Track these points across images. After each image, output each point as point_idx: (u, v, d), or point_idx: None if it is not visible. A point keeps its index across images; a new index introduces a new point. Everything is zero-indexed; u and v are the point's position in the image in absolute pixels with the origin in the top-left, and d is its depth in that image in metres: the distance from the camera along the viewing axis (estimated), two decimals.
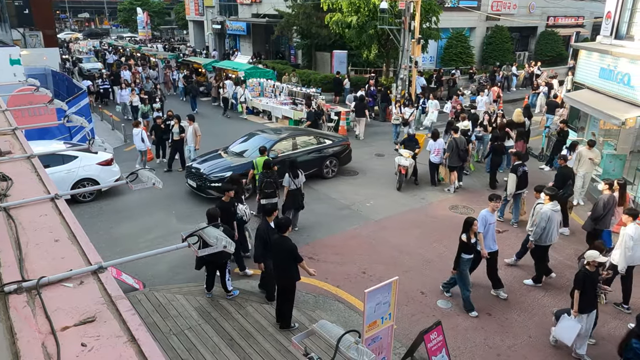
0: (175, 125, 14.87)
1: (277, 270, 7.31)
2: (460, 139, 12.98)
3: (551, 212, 8.36)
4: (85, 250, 2.48)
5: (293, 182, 10.26)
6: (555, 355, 7.06)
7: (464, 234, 7.71)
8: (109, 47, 48.42)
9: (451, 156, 12.86)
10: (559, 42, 34.06)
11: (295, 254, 7.12)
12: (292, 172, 10.29)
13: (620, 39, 13.19)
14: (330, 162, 14.09)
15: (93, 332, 1.86)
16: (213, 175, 12.23)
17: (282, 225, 7.23)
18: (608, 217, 9.18)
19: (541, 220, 8.35)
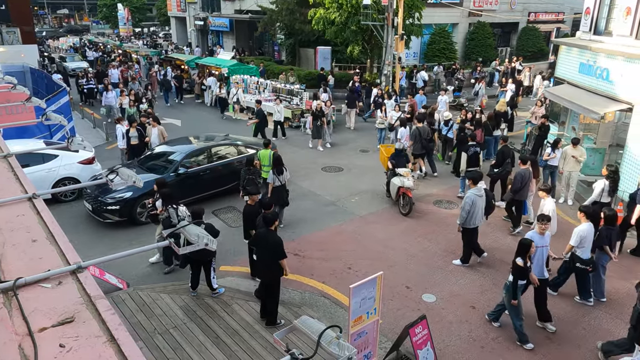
0: (131, 129, 13.63)
1: (261, 265, 7.27)
2: (423, 128, 13.43)
3: (475, 197, 8.80)
4: (64, 250, 2.44)
5: (277, 178, 10.33)
6: (539, 346, 7.17)
7: (519, 257, 6.88)
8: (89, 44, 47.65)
9: (415, 144, 13.42)
10: (539, 38, 34.49)
11: (280, 249, 7.09)
12: (276, 168, 10.35)
13: (599, 34, 13.42)
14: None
15: (72, 333, 1.83)
16: (109, 197, 10.58)
17: (269, 220, 7.20)
18: (525, 189, 10.31)
19: (465, 204, 8.81)
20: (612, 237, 8.05)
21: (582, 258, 7.79)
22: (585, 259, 7.80)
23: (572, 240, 7.76)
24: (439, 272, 9.12)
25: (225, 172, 12.15)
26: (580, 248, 7.75)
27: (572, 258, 7.90)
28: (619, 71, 11.81)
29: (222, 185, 12.07)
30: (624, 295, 8.41)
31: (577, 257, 7.82)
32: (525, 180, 10.19)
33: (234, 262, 9.46)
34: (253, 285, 8.68)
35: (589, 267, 7.85)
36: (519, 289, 7.04)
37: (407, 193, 11.19)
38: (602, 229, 8.06)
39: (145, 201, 9.25)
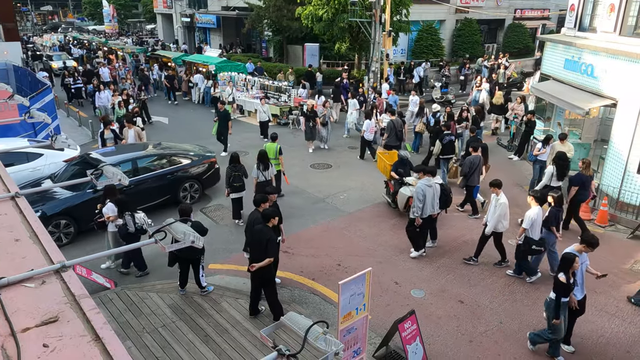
0: (106, 131, 13.01)
1: (255, 259, 7.16)
2: (397, 120, 14.13)
3: (425, 187, 9.07)
4: (48, 249, 2.41)
5: (262, 174, 10.46)
6: (526, 340, 7.25)
7: (562, 273, 6.42)
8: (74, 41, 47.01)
9: (389, 136, 13.93)
10: (525, 35, 34.80)
11: (270, 246, 6.98)
12: (262, 163, 10.46)
13: (583, 30, 13.57)
14: (190, 185, 11.74)
15: (55, 333, 1.81)
16: None
17: (267, 216, 7.14)
18: (476, 175, 11.02)
19: (418, 195, 9.06)
20: (559, 217, 8.59)
21: (536, 239, 8.20)
22: (538, 240, 8.23)
23: (524, 224, 8.15)
24: (427, 268, 9.18)
25: (154, 186, 11.04)
26: (532, 231, 8.15)
27: (527, 241, 8.25)
28: (603, 67, 11.96)
29: (151, 200, 10.92)
30: None
31: (531, 239, 8.20)
32: (475, 166, 10.91)
33: (223, 260, 9.43)
34: (242, 283, 8.66)
35: (543, 247, 8.27)
36: (564, 307, 6.59)
37: None
38: (552, 209, 8.50)
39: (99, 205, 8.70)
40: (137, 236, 8.26)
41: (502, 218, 8.75)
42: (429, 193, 9.07)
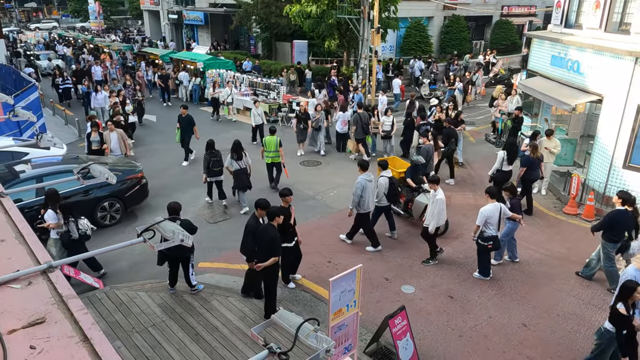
0: (93, 133, 12.58)
1: (259, 260, 7.12)
2: (363, 113, 14.61)
3: (365, 182, 9.28)
4: (34, 249, 2.38)
5: (236, 163, 10.85)
6: (515, 334, 7.33)
7: (621, 303, 5.72)
8: (59, 38, 46.33)
9: (357, 129, 14.43)
10: (513, 31, 35.03)
11: (275, 244, 6.95)
12: (235, 153, 10.86)
13: (569, 27, 13.69)
14: (110, 204, 10.59)
15: (43, 334, 1.79)
16: None
17: (272, 214, 7.11)
18: (431, 163, 12.06)
19: (356, 189, 9.23)
20: (520, 206, 8.99)
21: (484, 235, 8.29)
22: (486, 236, 8.29)
23: (478, 221, 8.25)
24: (417, 264, 9.23)
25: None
26: (487, 227, 8.22)
27: (482, 237, 8.36)
28: (589, 63, 12.08)
29: None
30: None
31: (480, 234, 8.33)
32: (430, 154, 11.89)
33: (214, 258, 9.39)
34: (233, 281, 8.64)
35: (489, 243, 8.33)
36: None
37: None
38: (512, 201, 8.77)
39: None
40: (81, 243, 8.15)
41: (440, 214, 8.81)
42: (369, 187, 9.32)
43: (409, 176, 10.54)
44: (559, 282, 8.65)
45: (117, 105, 15.89)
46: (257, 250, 7.22)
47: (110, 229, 10.53)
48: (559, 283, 8.60)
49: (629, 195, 8.19)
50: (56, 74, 22.91)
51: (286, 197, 8.06)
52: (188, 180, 13.24)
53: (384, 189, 9.52)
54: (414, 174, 10.55)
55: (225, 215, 11.21)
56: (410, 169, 10.70)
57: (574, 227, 10.59)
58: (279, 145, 11.98)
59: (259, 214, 7.45)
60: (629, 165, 10.82)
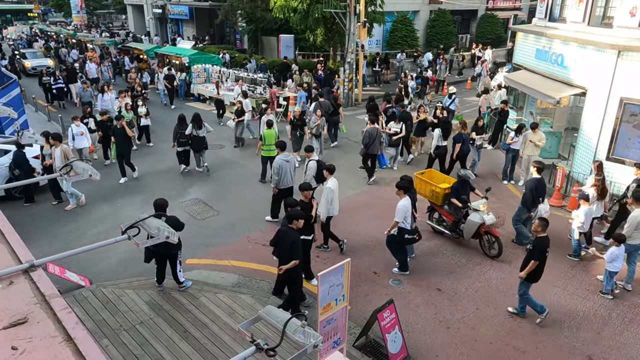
0: (46, 145, 11.27)
1: (281, 261, 7.05)
2: (324, 102, 15.04)
3: (282, 162, 9.88)
4: (15, 248, 2.33)
5: (197, 132, 12.82)
6: (502, 325, 7.42)
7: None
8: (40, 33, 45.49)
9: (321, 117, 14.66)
10: (498, 25, 35.27)
11: (295, 247, 6.83)
12: (195, 124, 12.78)
13: (554, 21, 13.81)
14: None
15: (25, 334, 1.75)
16: None
17: (290, 217, 7.03)
18: (374, 145, 12.39)
19: (274, 169, 9.94)
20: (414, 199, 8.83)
21: (408, 229, 8.35)
22: (411, 230, 8.38)
23: (398, 217, 8.25)
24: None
25: None
26: (405, 221, 8.30)
27: (400, 232, 8.35)
28: (573, 57, 12.21)
29: None
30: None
31: (405, 230, 8.34)
32: (373, 137, 12.32)
33: (202, 254, 9.34)
34: (221, 277, 8.60)
35: (416, 235, 8.47)
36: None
37: (493, 232, 9.12)
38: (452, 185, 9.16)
39: None
40: None
41: (330, 202, 8.89)
42: (285, 167, 9.90)
43: (455, 194, 9.38)
44: (544, 273, 8.74)
45: (129, 105, 14.85)
46: (279, 253, 7.14)
47: (93, 225, 10.42)
48: (545, 275, 8.69)
49: (543, 164, 9.58)
50: (43, 72, 21.57)
51: (305, 192, 8.10)
52: (175, 177, 13.14)
53: (313, 172, 9.91)
54: (461, 192, 9.41)
55: (214, 211, 11.14)
56: (457, 186, 9.45)
57: (558, 218, 10.72)
58: (277, 138, 12.14)
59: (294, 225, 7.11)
60: (612, 157, 10.98)
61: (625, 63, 10.40)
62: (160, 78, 21.05)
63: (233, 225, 10.41)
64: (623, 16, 10.75)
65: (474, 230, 9.16)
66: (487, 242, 9.29)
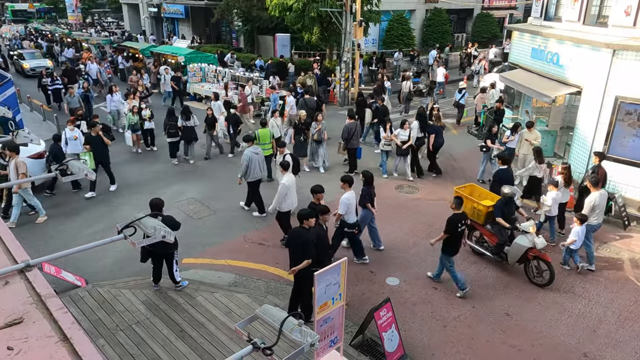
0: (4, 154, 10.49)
1: (293, 263, 6.98)
2: (309, 99, 15.49)
3: (251, 154, 10.19)
4: (11, 248, 2.32)
5: (185, 123, 13.54)
6: (498, 323, 7.45)
7: None
8: (35, 32, 45.25)
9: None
10: (494, 24, 35.34)
11: (307, 248, 6.74)
12: (184, 115, 13.59)
13: (549, 20, 13.86)
14: None
15: (21, 334, 1.75)
16: None
17: (301, 217, 6.96)
18: (354, 139, 12.88)
19: (243, 161, 10.24)
20: (372, 195, 9.13)
21: (349, 222, 8.56)
22: (351, 223, 8.58)
23: (340, 209, 8.44)
24: (402, 256, 9.29)
25: None
26: (348, 214, 8.50)
27: (341, 224, 8.61)
28: (568, 56, 12.25)
29: None
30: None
31: (345, 223, 8.58)
32: (352, 132, 12.77)
33: (198, 254, 9.32)
34: (217, 276, 8.60)
35: (355, 229, 8.63)
36: None
37: (544, 257, 8.27)
38: (364, 189, 9.05)
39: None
40: None
41: (283, 197, 9.03)
42: (255, 159, 10.26)
43: (500, 214, 8.53)
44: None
45: (135, 108, 14.55)
46: (291, 254, 7.07)
47: (89, 225, 10.39)
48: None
49: (507, 157, 10.08)
50: (42, 73, 20.87)
51: (317, 194, 8.11)
52: (172, 177, 13.11)
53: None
54: (506, 211, 8.62)
55: (210, 210, 11.13)
56: (501, 205, 8.62)
57: None
58: (272, 137, 12.28)
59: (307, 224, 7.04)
60: (607, 156, 11.02)
61: (620, 62, 10.45)
62: (167, 79, 20.50)
63: (229, 225, 10.40)
64: (618, 15, 10.80)
65: (521, 255, 8.35)
66: (535, 268, 8.37)
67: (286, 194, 9.07)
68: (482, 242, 9.22)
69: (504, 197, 8.61)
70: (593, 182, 8.74)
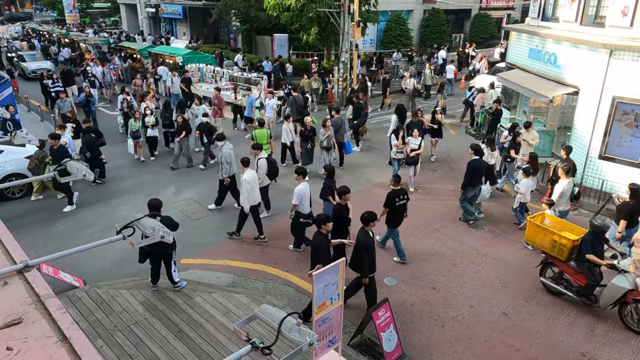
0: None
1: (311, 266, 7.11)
2: (297, 97, 15.86)
3: (230, 151, 10.46)
4: (10, 249, 2.32)
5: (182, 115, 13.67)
6: (496, 323, 7.46)
7: None
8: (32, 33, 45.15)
9: (292, 111, 15.26)
10: (491, 25, 35.41)
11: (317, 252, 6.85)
12: (180, 109, 13.91)
13: (546, 20, 13.88)
14: None
15: (20, 335, 1.75)
16: None
17: (319, 221, 7.06)
18: (340, 133, 13.38)
19: (224, 158, 10.37)
20: (333, 188, 9.25)
21: (303, 213, 8.83)
22: (305, 214, 8.85)
23: (294, 200, 8.74)
24: None
25: None
26: (302, 205, 8.77)
27: (297, 215, 8.88)
28: (565, 56, 12.28)
29: None
30: None
31: (300, 213, 8.84)
32: (338, 126, 13.37)
33: (196, 254, 9.32)
34: (216, 277, 8.60)
35: (310, 220, 8.80)
36: None
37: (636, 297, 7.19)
38: (325, 182, 9.38)
39: None
40: None
41: (248, 193, 9.19)
42: (232, 154, 10.48)
43: (590, 249, 7.49)
44: (538, 271, 8.81)
45: (138, 114, 14.14)
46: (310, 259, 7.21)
47: (88, 225, 10.37)
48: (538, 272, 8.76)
49: (480, 147, 10.46)
50: (43, 75, 20.69)
51: (345, 195, 8.07)
52: (170, 178, 13.10)
53: (264, 170, 10.05)
54: (597, 246, 7.58)
55: (208, 211, 11.12)
56: (591, 239, 7.58)
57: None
58: (269, 138, 12.28)
59: (369, 228, 7.15)
60: (604, 156, 11.07)
61: (617, 62, 10.48)
62: (175, 82, 19.77)
63: (228, 225, 10.39)
64: (615, 16, 10.83)
65: (618, 297, 7.31)
66: (635, 312, 7.22)
67: (248, 189, 9.18)
68: (560, 281, 8.07)
69: (594, 230, 7.55)
70: (565, 170, 9.43)
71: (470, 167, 10.23)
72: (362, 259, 7.01)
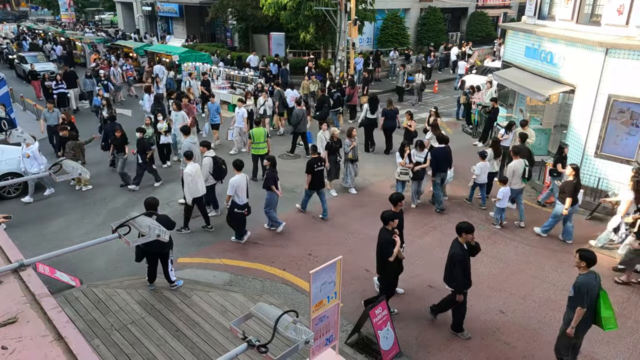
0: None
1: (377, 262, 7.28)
2: (282, 91, 16.49)
3: (190, 144, 10.65)
4: (4, 247, 2.31)
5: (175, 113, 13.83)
6: (492, 321, 7.48)
7: None
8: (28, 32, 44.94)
9: (278, 104, 16.18)
10: (488, 23, 35.46)
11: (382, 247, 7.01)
12: (177, 106, 13.89)
13: (543, 19, 13.92)
14: None
15: (15, 334, 1.74)
16: None
17: (385, 219, 7.12)
18: (302, 124, 14.23)
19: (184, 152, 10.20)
20: (276, 178, 9.72)
21: (239, 204, 9.10)
22: (241, 204, 9.13)
23: (228, 191, 9.03)
24: None
25: None
26: (237, 196, 9.04)
27: (233, 206, 9.11)
28: (562, 54, 12.31)
29: None
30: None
31: (235, 204, 9.09)
32: (300, 118, 14.04)
33: (193, 253, 9.31)
34: (213, 276, 8.59)
35: (245, 211, 9.19)
36: None
37: None
38: (267, 172, 9.70)
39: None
40: None
41: (189, 187, 9.40)
42: (195, 149, 10.61)
43: None
44: (534, 269, 8.85)
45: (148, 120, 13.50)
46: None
47: (82, 224, 10.35)
48: (535, 270, 8.80)
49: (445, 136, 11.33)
50: (45, 76, 20.09)
51: (399, 203, 7.88)
52: (167, 176, 13.07)
53: (209, 169, 9.99)
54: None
55: None
56: None
57: (548, 214, 10.82)
58: (266, 137, 12.34)
59: (462, 240, 6.79)
60: (600, 154, 11.10)
61: (613, 60, 10.51)
62: (194, 84, 18.49)
63: (224, 224, 10.38)
64: (611, 14, 10.86)
65: None
66: None
67: (190, 181, 9.36)
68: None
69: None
70: (515, 151, 10.47)
71: (434, 156, 10.95)
72: (456, 273, 6.68)
